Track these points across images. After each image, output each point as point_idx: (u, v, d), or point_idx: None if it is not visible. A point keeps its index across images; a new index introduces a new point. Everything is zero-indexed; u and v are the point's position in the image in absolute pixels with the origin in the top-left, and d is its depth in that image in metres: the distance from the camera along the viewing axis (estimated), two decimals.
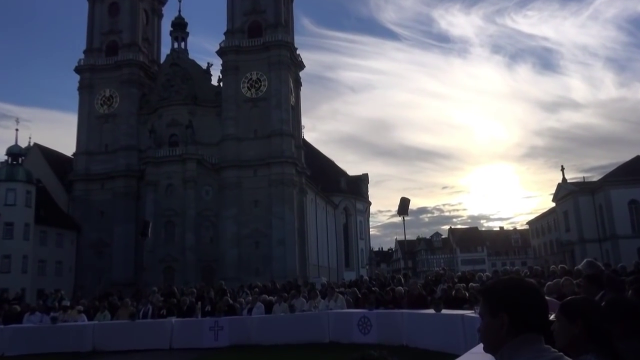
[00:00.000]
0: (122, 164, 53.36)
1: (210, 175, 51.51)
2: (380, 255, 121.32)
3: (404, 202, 20.82)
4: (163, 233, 49.40)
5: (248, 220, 50.13)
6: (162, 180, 50.80)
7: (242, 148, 51.66)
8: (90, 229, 52.63)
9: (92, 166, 54.20)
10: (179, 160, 50.66)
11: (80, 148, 54.89)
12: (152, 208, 49.47)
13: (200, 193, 51.03)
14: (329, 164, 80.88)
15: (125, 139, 54.06)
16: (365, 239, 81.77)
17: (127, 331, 14.40)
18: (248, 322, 14.26)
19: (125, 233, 51.02)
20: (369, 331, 12.82)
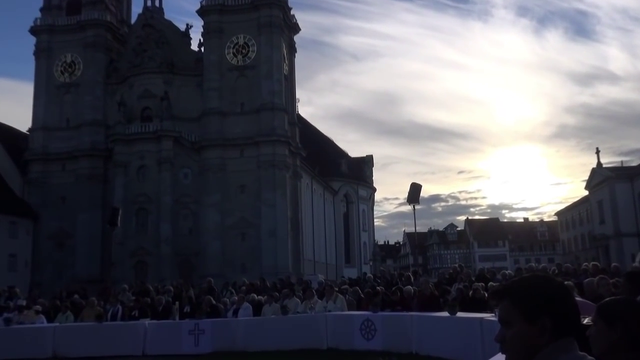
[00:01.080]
0: (86, 141, 53.22)
1: (189, 155, 51.46)
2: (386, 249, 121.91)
3: (414, 189, 20.87)
4: (134, 222, 49.45)
5: (233, 208, 50.21)
6: (134, 161, 50.75)
7: (227, 124, 51.56)
8: (49, 217, 52.63)
9: (51, 144, 54.03)
10: (153, 137, 50.57)
11: (37, 123, 54.65)
12: (121, 193, 49.47)
13: (177, 176, 51.03)
14: (328, 143, 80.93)
15: (89, 113, 53.85)
16: (368, 231, 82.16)
17: (93, 335, 14.47)
18: (233, 325, 14.35)
19: (90, 222, 51.06)
20: (373, 336, 12.92)
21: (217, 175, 50.52)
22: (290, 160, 53.18)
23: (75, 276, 46.19)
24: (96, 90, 54.52)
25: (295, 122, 57.52)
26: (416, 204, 20.88)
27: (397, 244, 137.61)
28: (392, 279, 20.56)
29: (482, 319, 10.49)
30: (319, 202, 67.91)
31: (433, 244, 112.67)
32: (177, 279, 30.19)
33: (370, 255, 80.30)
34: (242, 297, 15.73)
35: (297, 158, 55.84)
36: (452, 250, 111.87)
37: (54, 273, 50.71)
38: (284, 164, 51.46)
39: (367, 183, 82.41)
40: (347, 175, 76.84)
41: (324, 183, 70.06)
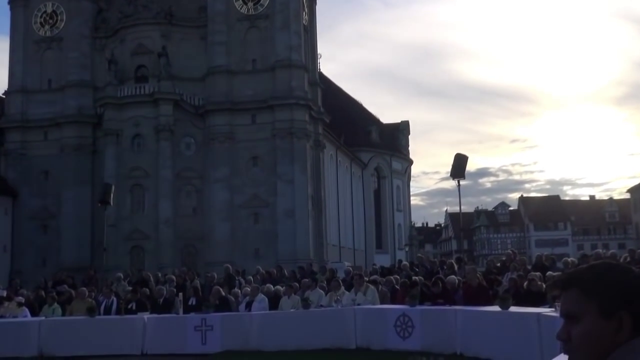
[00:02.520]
0: (71, 106, 53.66)
1: (191, 122, 51.67)
2: (424, 232, 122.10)
3: (459, 161, 20.76)
4: (129, 201, 49.98)
5: (244, 185, 50.47)
6: (127, 129, 51.11)
7: (236, 85, 51.57)
8: (30, 194, 53.47)
9: (30, 109, 54.61)
10: (149, 101, 50.80)
11: (14, 84, 55.20)
12: (113, 167, 49.96)
13: (178, 147, 51.33)
14: (355, 107, 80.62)
15: (75, 73, 54.19)
16: (404, 211, 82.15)
17: (84, 331, 14.82)
18: (246, 320, 14.58)
19: (77, 200, 51.75)
20: (410, 334, 13.04)
21: (225, 146, 50.69)
22: (310, 128, 53.10)
23: (62, 263, 47.00)
24: (82, 45, 54.77)
25: (316, 82, 57.29)
26: (462, 179, 20.78)
27: (438, 227, 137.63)
28: (432, 267, 20.65)
29: (539, 315, 10.53)
30: (345, 176, 67.90)
31: (480, 227, 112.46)
32: (179, 267, 30.64)
33: (405, 240, 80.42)
34: (257, 287, 15.95)
35: (319, 125, 55.71)
36: (504, 233, 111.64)
37: (37, 259, 51.66)
38: (303, 132, 51.42)
39: (402, 154, 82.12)
40: (379, 145, 76.57)
41: (350, 154, 69.96)
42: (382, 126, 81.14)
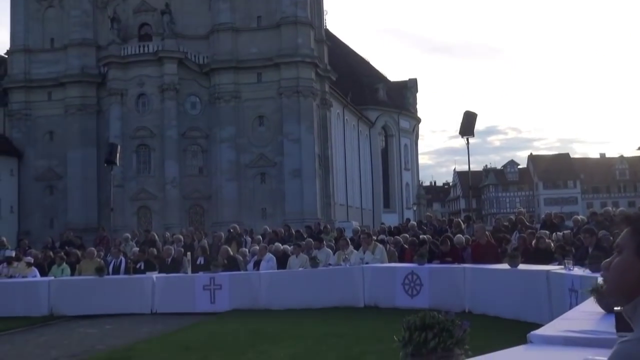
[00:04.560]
0: (75, 65, 53.46)
1: (196, 81, 51.49)
2: (432, 191, 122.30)
3: (468, 119, 20.68)
4: (135, 161, 50.11)
5: (250, 144, 50.50)
6: (131, 89, 51.00)
7: (241, 42, 51.23)
8: (35, 155, 53.64)
9: (33, 69, 54.44)
10: (153, 60, 50.56)
11: (16, 44, 54.91)
12: (118, 127, 50.00)
13: (184, 106, 51.26)
14: (362, 65, 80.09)
15: (77, 31, 53.83)
16: (412, 170, 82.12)
17: (93, 290, 15.01)
18: (255, 279, 14.73)
19: (83, 161, 51.93)
20: (419, 292, 13.17)
21: (231, 105, 50.60)
22: (317, 86, 52.87)
23: (69, 224, 47.32)
24: (84, 3, 54.25)
25: (323, 39, 56.85)
26: (471, 137, 20.73)
27: (446, 185, 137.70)
28: (440, 226, 20.72)
29: (548, 272, 10.59)
30: (352, 135, 67.80)
31: (489, 185, 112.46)
32: (186, 227, 30.89)
33: (413, 199, 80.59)
34: (265, 247, 16.07)
35: (326, 83, 55.46)
36: (512, 192, 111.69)
37: (44, 220, 52.12)
38: (310, 90, 51.22)
39: (410, 112, 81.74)
40: (386, 103, 76.20)
41: (358, 113, 69.71)
42: (390, 84, 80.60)
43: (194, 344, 10.04)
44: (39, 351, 10.44)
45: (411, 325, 2.69)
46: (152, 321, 13.66)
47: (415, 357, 2.60)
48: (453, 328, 2.66)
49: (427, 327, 2.65)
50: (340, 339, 9.77)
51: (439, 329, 2.64)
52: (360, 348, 8.83)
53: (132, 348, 10.10)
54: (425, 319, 2.71)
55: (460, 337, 2.67)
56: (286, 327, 11.38)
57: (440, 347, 2.58)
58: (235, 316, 13.38)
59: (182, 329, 12.28)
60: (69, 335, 12.24)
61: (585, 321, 4.44)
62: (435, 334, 2.61)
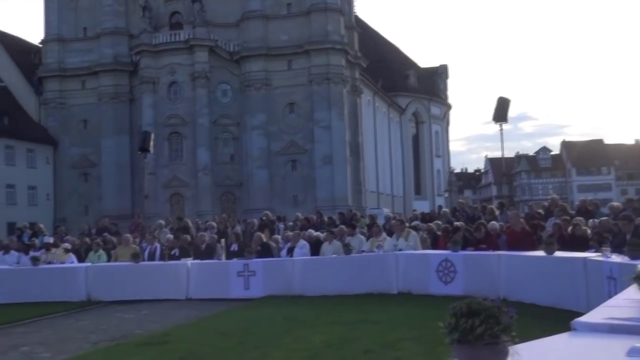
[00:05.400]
0: (107, 54, 53.98)
1: (227, 68, 51.68)
2: (463, 178, 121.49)
3: (502, 105, 20.50)
4: (167, 149, 50.51)
5: (281, 131, 50.62)
6: (163, 77, 51.35)
7: (271, 29, 51.26)
8: (70, 143, 54.40)
9: (67, 58, 55.10)
10: (185, 48, 50.83)
11: (51, 33, 55.57)
12: (150, 115, 50.42)
13: (215, 94, 51.49)
14: (392, 51, 79.76)
15: (110, 20, 54.31)
16: (443, 157, 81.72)
17: (129, 276, 15.22)
18: (288, 265, 14.79)
19: (116, 148, 52.56)
20: (453, 279, 13.12)
21: (261, 92, 50.73)
22: (347, 73, 52.76)
23: (103, 211, 47.92)
24: None
25: (353, 26, 56.65)
26: (504, 123, 20.56)
27: (477, 172, 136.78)
28: (473, 213, 20.53)
29: (586, 259, 10.46)
30: (382, 122, 67.61)
31: (521, 172, 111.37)
32: (219, 214, 31.10)
33: (445, 186, 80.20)
34: (298, 233, 16.09)
35: (356, 69, 55.31)
36: (545, 179, 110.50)
37: (79, 207, 52.95)
38: (340, 77, 51.13)
39: (440, 99, 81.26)
40: (417, 89, 75.86)
41: (388, 99, 69.46)
42: (420, 70, 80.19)
43: (229, 330, 10.13)
44: (79, 335, 10.62)
45: (457, 311, 2.67)
46: (187, 307, 13.80)
47: (461, 343, 2.59)
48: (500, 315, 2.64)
49: (473, 313, 2.63)
50: (376, 326, 9.78)
51: (486, 315, 2.62)
52: (396, 334, 8.84)
53: (169, 333, 10.22)
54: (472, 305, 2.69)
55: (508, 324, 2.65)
56: (321, 314, 11.42)
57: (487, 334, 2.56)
58: (270, 302, 13.46)
59: (217, 315, 12.41)
60: (107, 320, 12.42)
61: (629, 309, 4.38)
62: (482, 320, 2.59)
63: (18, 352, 9.31)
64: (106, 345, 9.56)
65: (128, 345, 9.33)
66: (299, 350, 8.17)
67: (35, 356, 8.93)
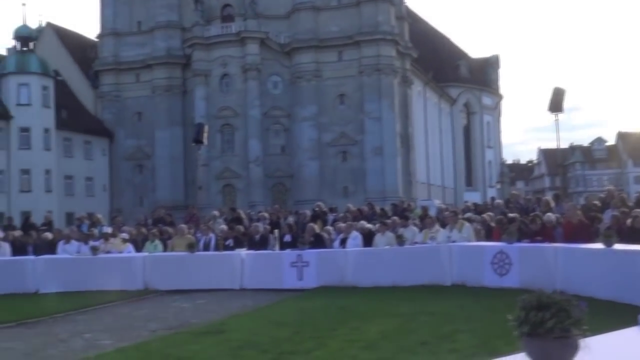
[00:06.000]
0: (161, 47, 54.78)
1: (278, 60, 51.92)
2: (515, 169, 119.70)
3: (557, 95, 20.11)
4: (219, 140, 51.05)
5: (331, 123, 50.66)
6: (215, 69, 51.89)
7: (322, 21, 51.27)
8: (125, 135, 55.49)
9: (122, 52, 56.13)
10: (236, 40, 51.26)
11: (106, 28, 56.68)
12: (203, 107, 51.02)
13: (266, 86, 51.81)
14: (443, 41, 78.88)
15: (163, 14, 55.09)
16: (494, 148, 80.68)
17: (185, 266, 15.44)
18: (342, 257, 14.80)
19: (170, 140, 53.39)
20: (508, 271, 12.94)
21: (312, 84, 50.84)
22: (398, 63, 52.47)
23: (157, 201, 48.83)
24: None
25: (403, 16, 56.28)
26: (559, 113, 20.17)
27: (530, 163, 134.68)
28: (526, 204, 20.21)
29: None
30: (433, 113, 67.06)
31: (575, 163, 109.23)
32: (271, 205, 31.31)
33: (496, 177, 79.23)
34: (350, 225, 16.08)
35: (407, 60, 54.96)
36: (600, 170, 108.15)
37: (134, 198, 54.02)
38: (390, 68, 50.89)
39: (492, 89, 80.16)
40: (468, 80, 75.00)
41: (439, 90, 68.87)
42: (471, 61, 79.24)
43: (285, 320, 10.21)
44: (139, 323, 10.85)
45: (527, 304, 2.65)
46: (242, 296, 13.94)
47: (531, 337, 2.56)
48: (571, 308, 2.60)
49: (543, 306, 2.60)
50: (431, 317, 9.73)
51: (557, 309, 2.59)
52: (452, 326, 8.77)
53: (226, 322, 10.35)
54: (542, 298, 2.67)
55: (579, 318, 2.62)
56: (375, 305, 11.41)
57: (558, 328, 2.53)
58: (323, 293, 13.49)
59: (271, 305, 12.50)
60: (164, 309, 12.65)
61: None
62: (553, 314, 2.56)
63: (81, 338, 9.56)
64: (165, 333, 9.74)
65: (186, 334, 9.49)
66: (354, 340, 8.18)
67: (97, 343, 9.14)
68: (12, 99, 47.73)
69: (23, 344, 9.20)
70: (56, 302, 13.37)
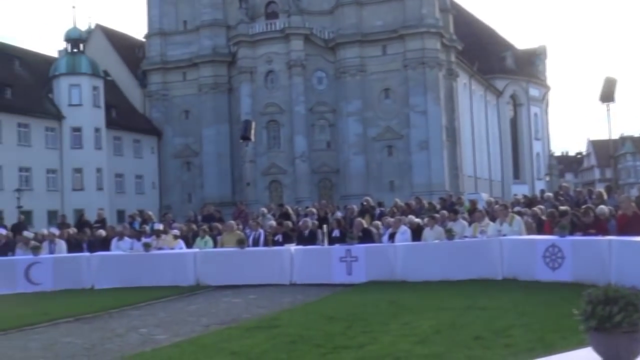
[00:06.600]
0: (206, 46, 55.32)
1: (322, 56, 51.97)
2: (564, 161, 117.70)
3: (609, 85, 19.69)
4: (265, 137, 51.33)
5: (377, 117, 50.53)
6: (260, 66, 52.19)
7: (365, 15, 51.15)
8: (173, 133, 56.24)
9: (168, 51, 56.85)
10: (281, 37, 51.46)
11: (153, 27, 57.47)
12: (248, 104, 51.38)
13: (310, 81, 51.91)
14: (488, 33, 77.96)
15: (208, 12, 55.61)
16: (542, 139, 79.47)
17: (235, 262, 15.56)
18: (391, 251, 14.75)
19: (216, 137, 53.92)
20: (560, 265, 12.72)
21: (356, 79, 50.77)
22: (443, 56, 52.04)
23: (205, 198, 49.34)
24: None
25: (447, 8, 55.75)
26: (611, 103, 19.74)
27: (579, 155, 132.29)
28: (577, 197, 19.84)
29: None
30: (479, 105, 66.33)
31: (626, 154, 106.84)
32: (318, 200, 31.41)
33: (545, 169, 78.06)
34: (399, 219, 16.01)
35: (452, 53, 54.46)
36: None
37: (183, 195, 54.76)
38: (435, 61, 50.49)
39: (539, 80, 78.94)
40: (514, 71, 74.00)
41: (485, 82, 68.07)
42: (518, 52, 78.13)
43: (336, 314, 10.20)
44: (192, 318, 10.98)
45: (594, 298, 2.60)
46: (292, 291, 13.98)
47: (599, 331, 2.52)
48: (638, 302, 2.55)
49: (611, 301, 2.55)
50: (483, 312, 9.63)
51: (624, 302, 2.53)
52: (506, 321, 8.66)
53: (277, 317, 10.40)
54: (609, 292, 2.62)
55: None
56: (425, 299, 11.35)
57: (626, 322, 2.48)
58: (373, 287, 13.47)
59: (322, 300, 12.51)
60: (215, 304, 12.77)
61: None
62: (621, 308, 2.51)
63: (137, 333, 9.72)
64: (218, 328, 9.83)
65: (239, 328, 9.56)
66: (407, 335, 8.14)
67: (153, 338, 9.28)
68: (63, 100, 48.79)
69: (82, 339, 9.39)
70: (111, 298, 13.60)
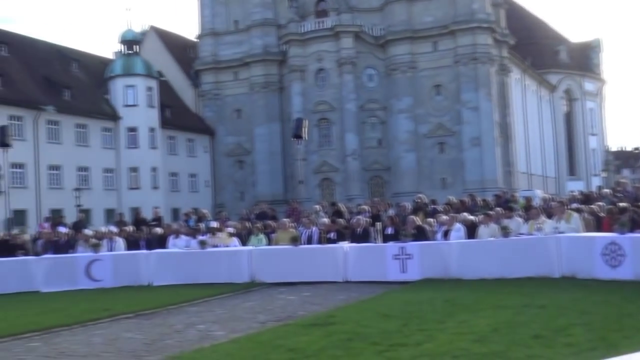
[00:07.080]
0: (257, 45, 55.73)
1: (373, 53, 51.83)
2: (621, 157, 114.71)
3: None
4: (316, 135, 51.50)
5: (428, 114, 50.17)
6: (310, 64, 52.35)
7: (415, 12, 50.81)
8: (225, 132, 56.86)
9: (220, 51, 57.48)
10: (331, 35, 51.53)
11: (205, 28, 58.19)
12: (299, 102, 51.60)
13: (361, 79, 51.84)
14: (541, 27, 76.61)
15: (259, 12, 56.01)
16: (598, 135, 77.71)
17: (289, 259, 15.65)
18: (445, 249, 14.62)
19: (268, 136, 54.30)
20: (621, 263, 12.43)
21: (407, 75, 50.49)
22: (494, 51, 51.35)
23: (258, 196, 49.82)
24: None
25: (499, 3, 55.00)
26: None
27: (636, 150, 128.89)
28: (636, 193, 19.34)
29: None
30: (532, 100, 65.24)
31: None
32: (370, 198, 31.36)
33: (601, 165, 76.31)
34: (453, 216, 15.86)
35: (504, 48, 53.69)
36: None
37: (236, 193, 55.34)
38: (487, 57, 49.87)
39: (594, 74, 77.22)
40: (568, 65, 72.62)
41: (538, 77, 66.93)
42: (572, 46, 76.60)
43: (391, 312, 10.16)
44: (248, 315, 11.07)
45: None
46: (346, 289, 13.98)
47: None
48: None
49: None
50: (542, 310, 9.46)
51: None
52: (565, 320, 8.49)
53: (332, 314, 10.40)
54: None
55: None
56: (481, 297, 11.20)
57: None
58: (427, 285, 13.38)
59: (376, 297, 12.48)
60: (271, 301, 12.85)
61: None
62: None
63: (195, 329, 9.86)
64: (274, 325, 9.89)
65: (295, 325, 9.60)
66: (464, 333, 8.05)
67: (211, 334, 9.40)
68: (119, 101, 49.82)
69: (142, 334, 9.58)
70: (169, 294, 13.83)
